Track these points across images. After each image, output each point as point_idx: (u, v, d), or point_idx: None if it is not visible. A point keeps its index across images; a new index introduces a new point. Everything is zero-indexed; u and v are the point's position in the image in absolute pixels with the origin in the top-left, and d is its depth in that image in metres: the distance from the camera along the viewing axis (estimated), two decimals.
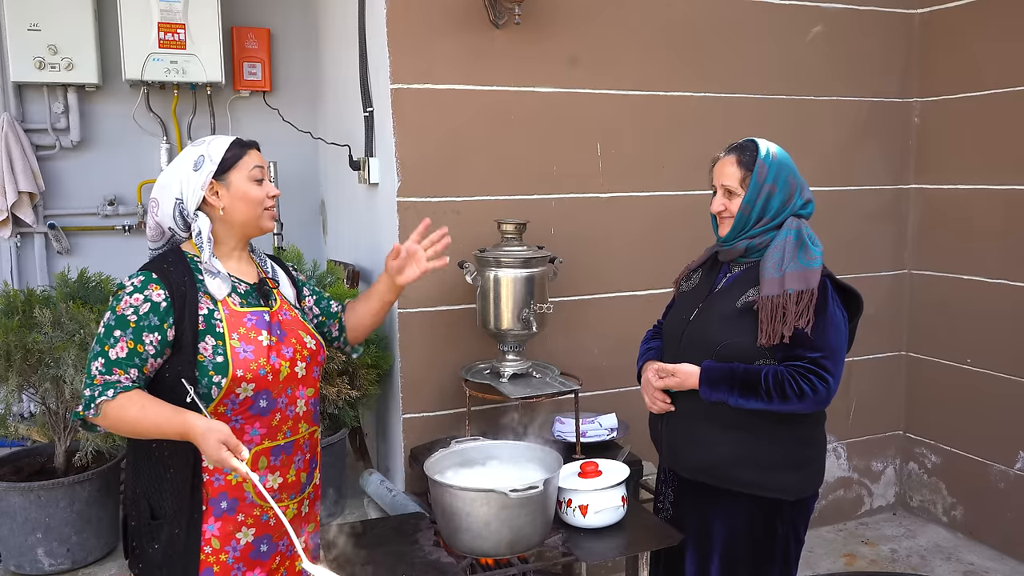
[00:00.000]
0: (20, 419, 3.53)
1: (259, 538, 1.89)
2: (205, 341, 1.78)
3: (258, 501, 1.86)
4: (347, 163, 3.47)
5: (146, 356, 1.74)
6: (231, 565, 1.85)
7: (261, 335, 1.85)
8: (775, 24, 3.52)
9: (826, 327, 2.03)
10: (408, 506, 2.74)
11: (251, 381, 1.80)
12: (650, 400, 2.25)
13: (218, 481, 1.82)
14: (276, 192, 1.95)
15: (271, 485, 1.88)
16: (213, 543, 1.83)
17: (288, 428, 1.90)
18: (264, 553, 1.91)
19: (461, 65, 3.01)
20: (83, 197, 4.32)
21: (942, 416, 3.89)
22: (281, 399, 1.87)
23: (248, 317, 1.86)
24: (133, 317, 1.74)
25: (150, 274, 1.80)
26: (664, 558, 2.36)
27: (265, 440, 1.86)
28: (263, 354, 1.83)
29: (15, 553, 3.24)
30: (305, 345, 1.95)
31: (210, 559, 1.83)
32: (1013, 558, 3.59)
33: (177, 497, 1.80)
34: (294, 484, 1.95)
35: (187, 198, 1.84)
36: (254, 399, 1.82)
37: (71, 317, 3.06)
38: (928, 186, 3.90)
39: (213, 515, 1.83)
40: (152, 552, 1.82)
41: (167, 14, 4.04)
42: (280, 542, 1.94)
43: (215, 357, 1.77)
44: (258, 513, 1.87)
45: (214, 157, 1.86)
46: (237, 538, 1.86)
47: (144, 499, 1.82)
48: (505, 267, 2.76)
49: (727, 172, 2.15)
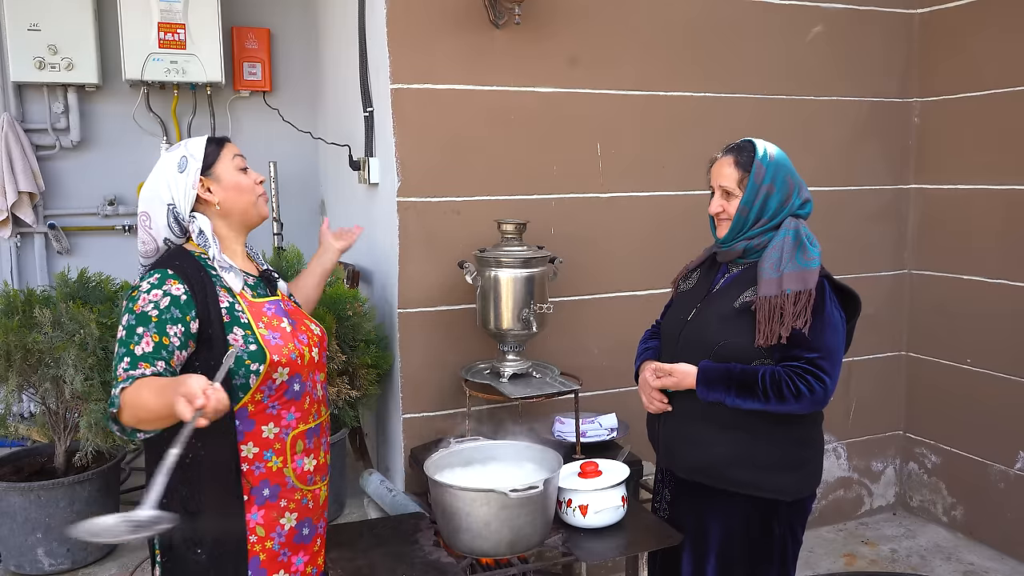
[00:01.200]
0: (20, 419, 3.52)
1: (301, 522, 1.92)
2: (234, 332, 1.79)
3: (298, 485, 1.89)
4: (347, 163, 3.47)
5: (172, 348, 1.72)
6: (277, 551, 1.88)
7: (283, 322, 1.89)
8: (775, 24, 3.52)
9: (824, 328, 2.03)
10: (408, 506, 2.74)
11: (285, 365, 1.83)
12: (647, 400, 2.25)
13: (259, 469, 1.84)
14: (262, 178, 1.98)
15: (307, 468, 1.92)
16: (258, 531, 1.85)
17: (315, 411, 1.95)
18: (306, 536, 1.94)
19: (461, 65, 3.01)
20: (83, 197, 4.32)
21: (942, 416, 3.89)
22: (308, 382, 1.92)
23: (267, 306, 1.90)
24: (154, 312, 1.73)
25: (165, 271, 1.80)
26: (660, 558, 2.36)
27: (300, 424, 1.89)
28: (289, 339, 1.87)
29: (15, 553, 3.24)
30: (313, 332, 1.99)
31: (255, 547, 1.85)
32: (1013, 558, 3.59)
33: (216, 492, 1.79)
34: (324, 466, 1.99)
35: (179, 201, 1.85)
36: (288, 383, 1.85)
37: (71, 317, 3.06)
38: (928, 186, 3.89)
39: (256, 503, 1.84)
40: (196, 556, 1.80)
41: (167, 14, 4.04)
42: (319, 524, 1.98)
43: (248, 346, 1.79)
44: (299, 497, 1.91)
45: (196, 155, 1.87)
46: (281, 524, 1.88)
47: (178, 503, 1.75)
48: (505, 267, 2.76)
49: (725, 173, 2.14)
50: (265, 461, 1.84)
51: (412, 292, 3.04)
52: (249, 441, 1.82)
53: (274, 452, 1.85)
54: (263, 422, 1.84)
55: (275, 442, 1.85)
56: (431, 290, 3.04)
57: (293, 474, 1.88)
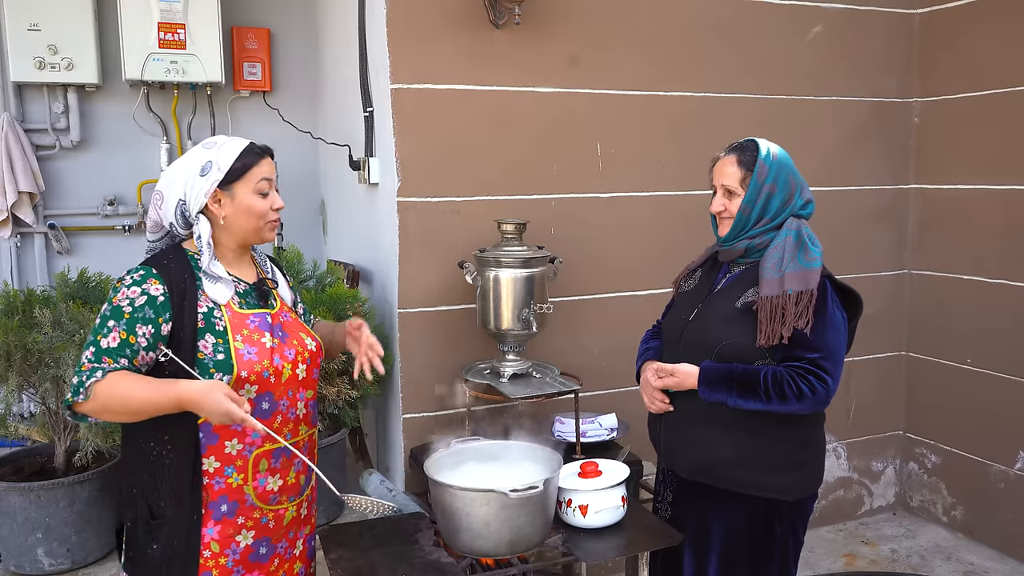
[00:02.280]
0: (20, 419, 3.53)
1: (258, 540, 1.89)
2: (205, 339, 1.77)
3: (258, 504, 1.86)
4: (347, 163, 3.47)
5: (137, 348, 1.73)
6: (231, 568, 1.85)
7: (264, 337, 1.85)
8: (775, 24, 3.52)
9: (825, 328, 2.03)
10: (408, 506, 2.74)
11: (254, 383, 1.80)
12: (649, 400, 2.25)
13: (218, 484, 1.81)
14: (280, 205, 1.92)
15: (271, 488, 1.88)
16: (212, 547, 1.83)
17: (288, 431, 1.90)
18: (263, 555, 1.91)
19: (461, 65, 3.01)
20: (83, 197, 4.32)
21: (942, 416, 3.89)
22: (282, 401, 1.88)
23: (251, 319, 1.86)
24: (128, 308, 1.74)
25: (150, 269, 1.80)
26: (662, 559, 2.36)
27: (266, 443, 1.85)
28: (266, 356, 1.83)
29: (15, 553, 3.24)
30: (306, 347, 1.95)
31: (209, 563, 1.82)
32: (1013, 558, 3.59)
33: (177, 499, 1.79)
34: (293, 487, 1.95)
35: (190, 201, 1.83)
36: (256, 401, 1.82)
37: (71, 317, 3.06)
38: (928, 186, 3.89)
39: (213, 518, 1.82)
40: (151, 552, 1.81)
41: (167, 14, 4.04)
42: (278, 544, 1.94)
43: (216, 355, 1.77)
44: (257, 515, 1.87)
45: (222, 165, 1.83)
46: (237, 541, 1.85)
47: (142, 499, 1.81)
48: (505, 267, 2.76)
49: (727, 172, 2.14)
50: (225, 477, 1.81)
51: (412, 292, 3.04)
52: (211, 455, 1.80)
53: (235, 468, 1.82)
54: (227, 437, 1.80)
55: (237, 459, 1.82)
56: (431, 290, 3.04)
57: (254, 492, 1.84)
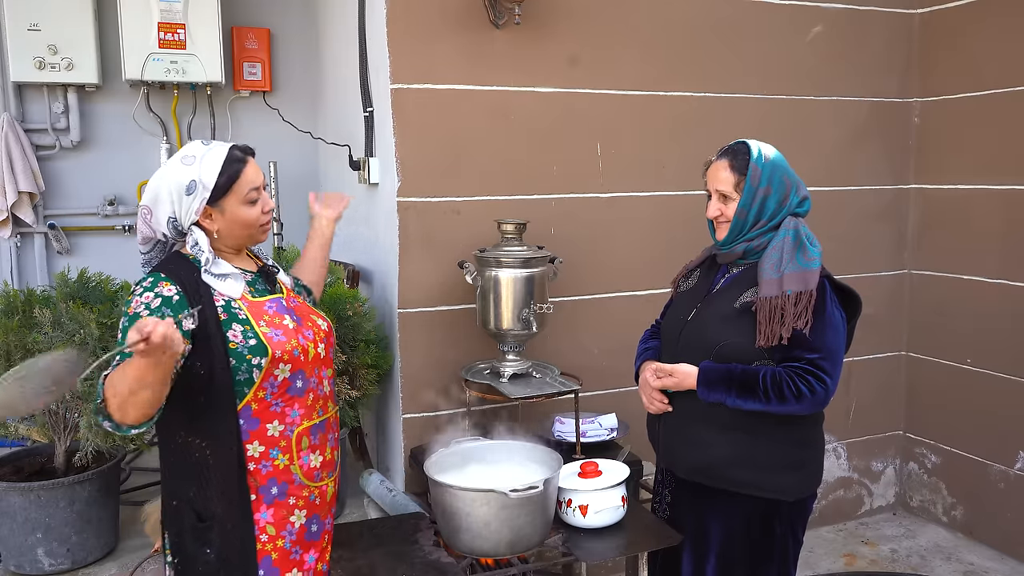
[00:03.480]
0: (20, 419, 3.53)
1: (310, 519, 1.92)
2: (232, 329, 1.79)
3: (305, 482, 1.89)
4: (347, 163, 3.47)
5: None
6: (288, 549, 1.88)
7: (285, 319, 1.89)
8: (775, 24, 3.52)
9: (824, 328, 2.03)
10: (408, 506, 2.74)
11: (287, 362, 1.83)
12: (648, 400, 2.25)
13: (266, 468, 1.84)
14: (271, 206, 1.94)
15: (314, 464, 1.91)
16: (269, 530, 1.85)
17: (320, 407, 1.94)
18: (315, 533, 1.94)
19: (461, 65, 3.01)
20: (83, 197, 4.32)
21: (942, 416, 3.89)
22: (312, 379, 1.91)
23: (268, 305, 1.89)
24: (145, 312, 1.74)
25: (158, 274, 1.82)
26: (660, 559, 2.36)
27: (304, 420, 1.89)
28: (292, 336, 1.86)
29: (15, 553, 3.24)
30: (320, 327, 1.98)
31: (267, 547, 1.85)
32: (1013, 558, 3.59)
33: (225, 495, 1.80)
34: (330, 462, 1.98)
35: (181, 218, 1.84)
36: (291, 380, 1.85)
37: (71, 317, 3.06)
38: (928, 186, 3.89)
39: (264, 502, 1.84)
40: (204, 556, 1.81)
41: (167, 14, 4.04)
42: (327, 520, 1.98)
43: (247, 341, 1.79)
44: (306, 494, 1.90)
45: (207, 183, 1.81)
46: (291, 521, 1.88)
47: (187, 505, 1.81)
48: (505, 267, 2.76)
49: (721, 177, 2.14)
50: (272, 459, 1.84)
51: (412, 292, 3.04)
52: (255, 440, 1.82)
53: (280, 450, 1.85)
54: (267, 420, 1.84)
55: (280, 439, 1.85)
56: (431, 290, 3.04)
57: (300, 471, 1.88)
